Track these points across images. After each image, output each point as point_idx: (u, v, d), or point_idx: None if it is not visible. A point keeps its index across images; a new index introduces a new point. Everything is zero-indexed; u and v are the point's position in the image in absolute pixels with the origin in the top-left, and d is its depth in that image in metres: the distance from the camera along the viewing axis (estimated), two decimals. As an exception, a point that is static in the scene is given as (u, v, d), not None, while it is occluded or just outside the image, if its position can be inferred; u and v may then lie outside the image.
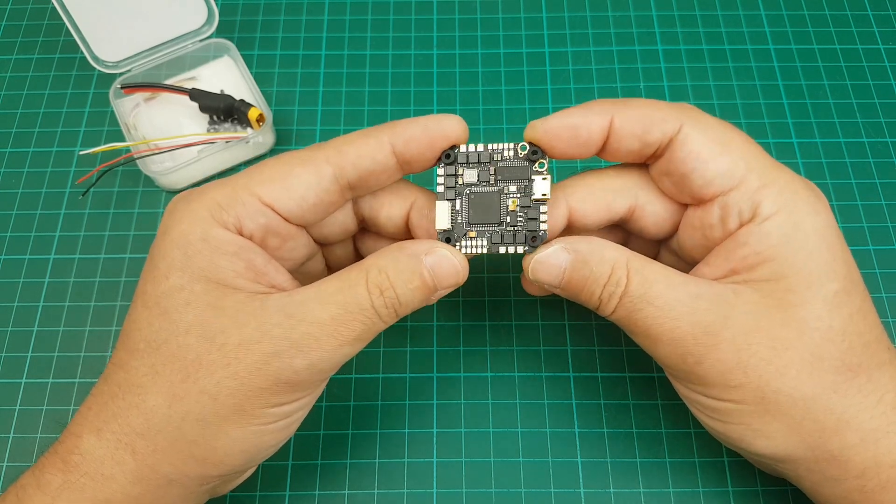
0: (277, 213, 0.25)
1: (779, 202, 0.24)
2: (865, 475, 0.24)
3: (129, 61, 0.40)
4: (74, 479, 0.23)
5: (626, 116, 0.26)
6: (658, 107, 0.26)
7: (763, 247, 0.24)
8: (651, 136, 0.25)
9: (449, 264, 0.25)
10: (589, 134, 0.26)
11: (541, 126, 0.26)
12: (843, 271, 0.24)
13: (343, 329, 0.24)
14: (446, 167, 0.27)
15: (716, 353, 0.24)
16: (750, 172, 0.25)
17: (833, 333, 0.24)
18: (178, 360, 0.23)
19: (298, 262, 0.28)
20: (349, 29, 0.44)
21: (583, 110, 0.26)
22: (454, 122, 0.26)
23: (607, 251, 0.25)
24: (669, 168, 0.26)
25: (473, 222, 0.26)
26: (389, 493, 0.31)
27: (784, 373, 0.23)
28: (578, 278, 0.25)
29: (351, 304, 0.24)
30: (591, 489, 0.31)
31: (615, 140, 0.26)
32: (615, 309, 0.25)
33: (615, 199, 0.27)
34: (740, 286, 0.24)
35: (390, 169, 0.26)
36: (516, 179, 0.26)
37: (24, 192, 0.39)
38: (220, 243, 0.24)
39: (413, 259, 0.25)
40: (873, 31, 0.43)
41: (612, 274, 0.25)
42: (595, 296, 0.25)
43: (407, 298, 0.25)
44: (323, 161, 0.25)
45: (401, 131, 0.26)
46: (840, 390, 0.23)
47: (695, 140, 0.25)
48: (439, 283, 0.25)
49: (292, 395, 0.24)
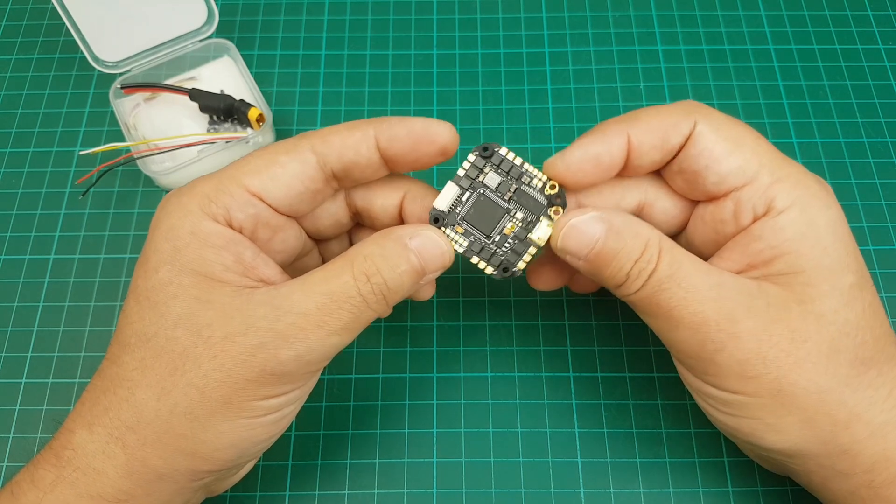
0: (266, 204, 0.25)
1: (792, 197, 0.24)
2: (874, 469, 0.24)
3: (129, 61, 0.40)
4: (67, 473, 0.23)
5: (642, 130, 0.25)
6: (668, 112, 0.26)
7: (779, 241, 0.24)
8: (670, 143, 0.25)
9: (434, 246, 0.25)
10: (611, 159, 0.25)
11: (561, 163, 0.25)
12: (855, 265, 0.24)
13: (329, 318, 0.23)
14: (477, 158, 0.26)
15: (737, 341, 0.23)
16: (762, 168, 0.25)
17: (848, 327, 0.24)
18: (166, 353, 0.23)
19: (291, 255, 0.28)
20: (349, 29, 0.44)
21: (599, 136, 0.25)
22: (443, 129, 0.26)
23: (642, 227, 0.25)
24: (682, 166, 0.26)
25: (467, 221, 0.26)
26: (389, 493, 0.31)
27: (801, 365, 0.23)
28: (609, 251, 0.25)
29: (337, 293, 0.24)
30: (591, 489, 0.31)
31: (636, 157, 0.26)
32: (641, 287, 0.24)
33: (624, 195, 0.27)
34: (763, 282, 0.24)
35: (374, 164, 0.26)
36: (527, 209, 0.26)
37: (24, 192, 0.39)
38: (208, 236, 0.24)
39: (398, 243, 0.25)
40: (873, 31, 0.43)
41: (646, 251, 0.24)
42: (623, 272, 0.24)
43: (395, 283, 0.24)
44: (308, 149, 0.25)
45: (386, 128, 0.26)
46: (852, 384, 0.23)
47: (707, 138, 0.25)
48: (426, 266, 0.25)
49: (280, 388, 0.24)
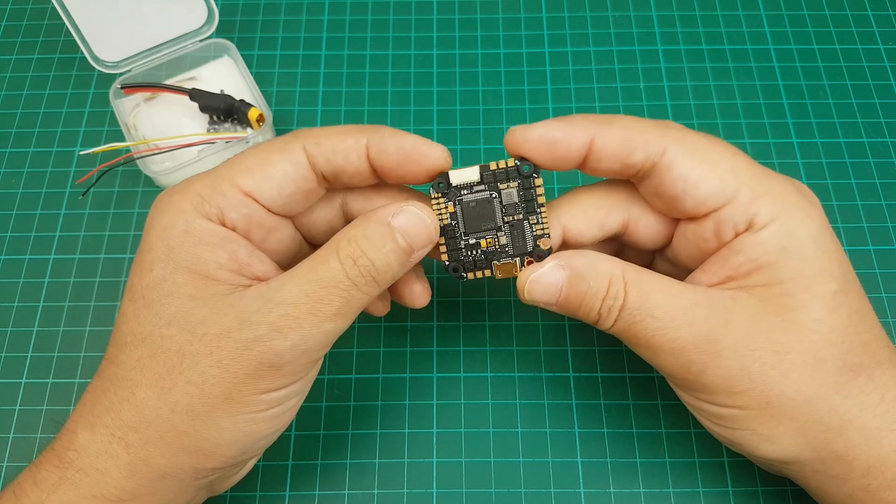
0: (259, 204, 0.25)
1: (773, 211, 0.24)
2: (870, 474, 0.24)
3: (129, 61, 0.40)
4: (70, 474, 0.23)
5: (609, 136, 0.25)
6: (641, 128, 0.25)
7: (758, 254, 0.24)
8: (632, 159, 0.25)
9: (418, 221, 0.25)
10: (567, 150, 0.25)
11: (520, 135, 0.25)
12: (838, 273, 0.24)
13: (321, 305, 0.23)
14: (513, 169, 0.26)
15: (719, 360, 0.24)
16: (741, 186, 0.24)
17: (833, 335, 0.24)
18: (162, 351, 0.23)
19: (287, 256, 0.28)
20: (349, 29, 0.44)
21: (565, 125, 0.25)
22: (434, 151, 0.25)
23: (602, 264, 0.25)
24: (659, 191, 0.26)
25: (462, 207, 0.26)
26: (389, 493, 0.31)
27: (787, 376, 0.23)
28: (575, 295, 0.25)
29: (325, 279, 0.24)
30: (591, 489, 0.31)
31: (595, 159, 0.26)
32: (615, 322, 0.25)
33: (608, 215, 0.27)
34: (737, 292, 0.24)
35: (363, 173, 0.26)
36: (512, 242, 0.26)
37: (24, 192, 0.39)
38: (202, 234, 0.24)
39: (381, 223, 0.24)
40: (873, 31, 0.43)
41: (610, 287, 0.24)
42: (594, 311, 0.25)
43: (382, 263, 0.24)
44: (299, 149, 0.25)
45: (378, 139, 0.25)
46: (843, 391, 0.23)
47: (681, 164, 0.25)
48: (412, 243, 0.25)
49: (280, 380, 0.24)
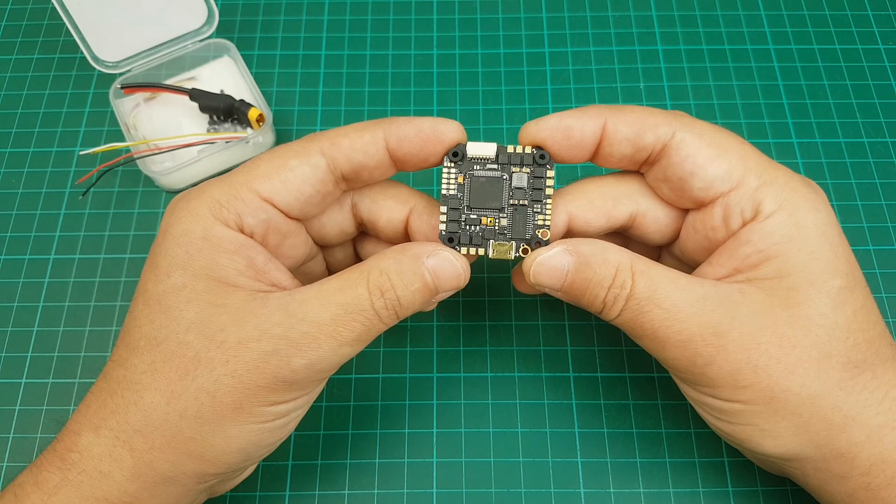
0: (277, 209, 0.25)
1: (779, 200, 0.24)
2: (871, 472, 0.24)
3: (129, 61, 0.40)
4: (72, 476, 0.23)
5: (620, 120, 0.26)
6: (652, 113, 0.26)
7: (766, 244, 0.24)
8: (644, 140, 0.25)
9: (451, 267, 0.25)
10: (582, 136, 0.26)
11: (535, 126, 0.26)
12: (845, 268, 0.24)
13: (343, 329, 0.24)
14: (528, 155, 0.26)
15: (725, 353, 0.24)
16: (748, 172, 0.25)
17: (838, 330, 0.24)
18: (177, 357, 0.23)
19: (299, 261, 0.28)
20: (349, 29, 0.44)
21: (577, 112, 0.26)
22: (450, 127, 0.26)
23: (610, 253, 0.25)
24: (667, 174, 0.26)
25: (471, 180, 0.26)
26: (389, 493, 0.31)
27: (793, 371, 0.23)
28: (581, 281, 0.25)
29: (351, 305, 0.24)
30: (591, 489, 0.31)
31: (608, 144, 0.26)
32: (620, 312, 0.25)
33: (616, 206, 0.27)
34: (745, 285, 0.24)
35: (383, 165, 0.26)
36: (512, 226, 0.27)
37: (24, 192, 0.39)
38: (221, 241, 0.24)
39: (415, 261, 0.25)
40: (873, 31, 0.43)
41: (617, 276, 0.24)
42: (599, 299, 0.25)
43: (408, 300, 0.25)
44: (317, 152, 0.25)
45: (395, 129, 0.26)
46: (846, 387, 0.23)
47: (690, 144, 0.25)
48: (440, 286, 0.25)
49: (290, 394, 0.24)
